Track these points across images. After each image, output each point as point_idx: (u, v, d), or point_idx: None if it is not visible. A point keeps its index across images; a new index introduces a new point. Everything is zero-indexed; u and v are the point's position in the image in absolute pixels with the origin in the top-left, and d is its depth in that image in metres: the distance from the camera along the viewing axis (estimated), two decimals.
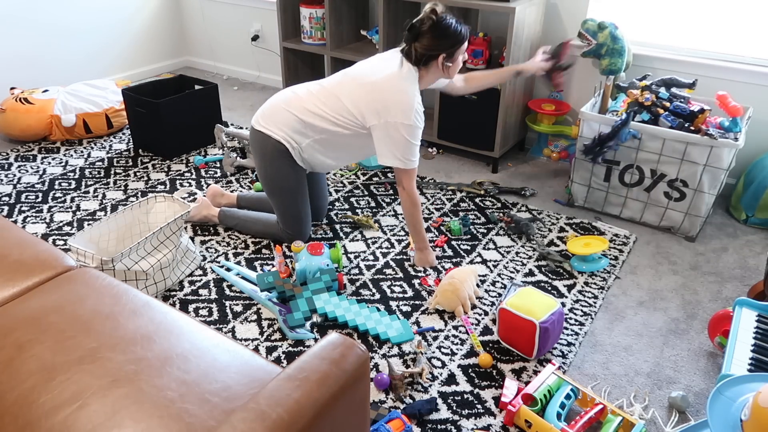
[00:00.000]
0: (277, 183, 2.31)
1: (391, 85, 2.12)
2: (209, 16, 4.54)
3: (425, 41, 2.09)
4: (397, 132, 2.11)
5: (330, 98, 2.19)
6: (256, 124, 2.29)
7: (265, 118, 2.27)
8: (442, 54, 2.11)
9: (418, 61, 2.13)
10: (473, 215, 2.73)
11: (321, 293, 2.13)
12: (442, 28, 2.09)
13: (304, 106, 2.21)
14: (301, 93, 2.26)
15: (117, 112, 3.49)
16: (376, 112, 2.12)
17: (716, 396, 1.28)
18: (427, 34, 2.08)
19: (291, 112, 2.22)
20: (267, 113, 2.27)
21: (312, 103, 2.21)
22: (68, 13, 3.93)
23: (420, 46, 2.10)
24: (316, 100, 2.21)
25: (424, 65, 2.15)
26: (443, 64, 2.14)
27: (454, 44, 2.12)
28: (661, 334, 2.05)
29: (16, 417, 1.12)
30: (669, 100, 2.55)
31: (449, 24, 2.10)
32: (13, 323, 1.34)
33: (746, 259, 2.46)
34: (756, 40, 2.74)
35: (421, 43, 2.10)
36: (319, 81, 2.29)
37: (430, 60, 2.13)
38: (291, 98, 2.25)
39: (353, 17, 3.53)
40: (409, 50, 2.13)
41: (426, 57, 2.12)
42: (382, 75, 2.14)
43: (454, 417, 1.71)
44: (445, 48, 2.11)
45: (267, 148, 2.25)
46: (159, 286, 2.12)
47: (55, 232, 2.55)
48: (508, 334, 1.93)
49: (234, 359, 1.28)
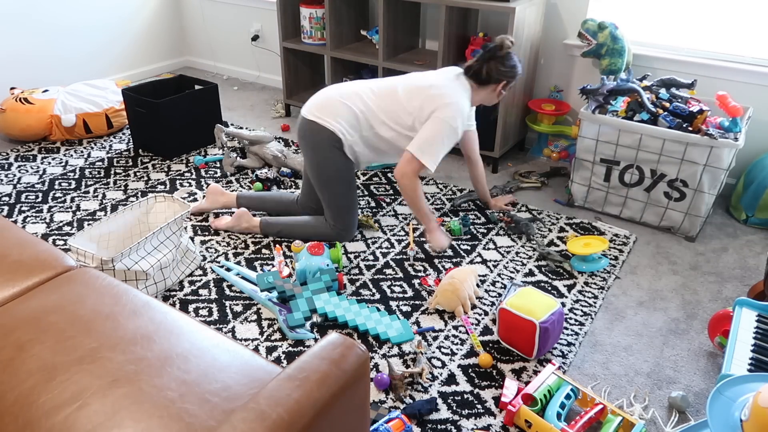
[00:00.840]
0: (330, 173, 2.34)
1: (448, 91, 2.28)
2: (209, 16, 4.54)
3: (497, 64, 2.32)
4: (435, 125, 2.25)
5: (388, 98, 2.31)
6: (309, 115, 2.32)
7: (321, 109, 2.30)
8: (504, 81, 2.36)
9: (481, 78, 2.33)
10: (473, 215, 2.73)
11: (321, 293, 2.13)
12: (512, 57, 2.35)
13: (365, 102, 2.31)
14: (360, 90, 2.33)
15: (117, 112, 3.49)
16: (429, 111, 2.26)
17: (716, 396, 1.28)
18: (501, 59, 2.32)
19: (348, 106, 2.29)
20: (322, 104, 2.31)
21: (372, 101, 2.31)
22: (68, 13, 3.93)
23: (492, 67, 2.31)
24: (375, 98, 2.31)
25: (483, 84, 2.35)
26: (500, 91, 2.39)
27: (515, 76, 2.39)
28: (661, 334, 2.05)
29: (16, 417, 1.12)
30: (669, 101, 2.56)
31: (515, 57, 2.37)
32: (13, 323, 1.34)
33: (746, 259, 2.46)
34: (756, 40, 2.74)
35: (492, 65, 2.31)
36: (374, 81, 2.39)
37: (491, 82, 2.34)
38: (349, 93, 2.32)
39: (353, 17, 3.53)
40: (479, 68, 2.32)
41: (491, 78, 2.33)
42: (440, 82, 2.31)
43: (454, 417, 1.71)
44: (509, 75, 2.35)
45: (321, 138, 2.29)
46: (159, 286, 2.12)
47: (55, 232, 2.55)
48: (508, 334, 1.93)
49: (234, 359, 1.28)
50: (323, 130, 2.28)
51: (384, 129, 2.31)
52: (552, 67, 3.23)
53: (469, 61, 2.37)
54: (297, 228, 2.47)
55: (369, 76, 3.66)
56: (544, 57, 3.22)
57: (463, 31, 3.17)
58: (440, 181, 3.05)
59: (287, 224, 2.48)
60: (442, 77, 2.33)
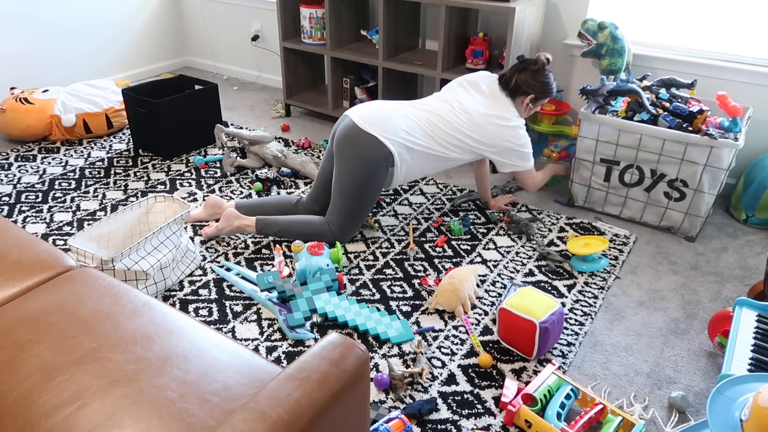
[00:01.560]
0: (365, 186, 2.34)
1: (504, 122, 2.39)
2: (209, 16, 4.54)
3: (527, 77, 2.40)
4: (513, 149, 2.44)
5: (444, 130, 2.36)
6: (369, 127, 2.29)
7: (380, 124, 2.30)
8: (532, 94, 2.42)
9: (509, 88, 2.42)
10: (473, 215, 2.73)
11: (321, 293, 2.13)
12: (545, 74, 2.42)
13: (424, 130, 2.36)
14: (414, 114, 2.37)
15: (117, 112, 3.49)
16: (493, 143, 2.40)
17: (716, 396, 1.28)
18: (533, 73, 2.40)
19: (405, 129, 2.32)
20: (381, 120, 2.32)
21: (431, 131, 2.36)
22: (68, 12, 3.93)
23: (522, 78, 2.39)
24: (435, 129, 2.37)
25: (511, 95, 2.43)
26: (528, 104, 2.44)
27: (545, 93, 2.44)
28: (661, 334, 2.05)
29: (16, 417, 1.12)
30: (669, 101, 2.56)
31: (550, 75, 2.44)
32: (13, 323, 1.34)
33: (746, 259, 2.46)
34: (756, 40, 2.74)
35: (523, 76, 2.39)
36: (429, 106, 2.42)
37: (519, 94, 2.42)
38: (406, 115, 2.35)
39: (353, 17, 3.53)
40: (509, 78, 2.41)
41: (520, 90, 2.41)
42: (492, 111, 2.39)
43: (454, 417, 1.71)
44: (538, 91, 2.42)
45: (376, 154, 2.28)
46: (159, 286, 2.12)
47: (55, 232, 2.55)
48: (508, 334, 1.93)
49: (234, 359, 1.28)
50: (381, 146, 2.27)
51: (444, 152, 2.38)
52: (552, 67, 3.23)
53: (503, 70, 2.49)
54: (296, 227, 2.45)
55: (369, 76, 3.67)
56: None
57: (463, 31, 3.17)
58: (440, 181, 3.05)
59: (285, 223, 2.47)
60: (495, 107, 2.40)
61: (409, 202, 2.84)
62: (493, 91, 2.44)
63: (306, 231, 2.44)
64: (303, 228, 2.44)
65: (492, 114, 2.38)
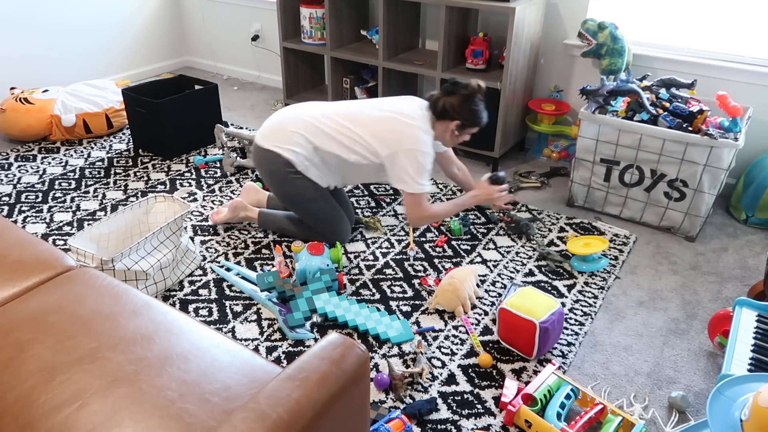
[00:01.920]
0: (295, 197, 2.33)
1: (410, 121, 2.24)
2: (209, 16, 4.54)
3: (456, 101, 2.24)
4: (408, 157, 2.21)
5: (346, 125, 2.27)
6: (263, 142, 2.30)
7: (274, 135, 2.29)
8: (458, 121, 2.26)
9: (436, 110, 2.27)
10: (473, 215, 2.73)
11: (321, 293, 2.13)
12: (475, 101, 2.27)
13: (320, 128, 2.27)
14: (315, 114, 2.30)
15: (117, 112, 3.49)
16: (391, 141, 2.23)
17: (716, 396, 1.28)
18: (462, 98, 2.25)
19: (302, 134, 2.27)
20: (274, 130, 2.30)
21: (328, 126, 2.27)
22: (68, 12, 3.93)
23: (449, 102, 2.25)
24: (333, 124, 2.28)
25: (440, 118, 2.29)
26: (453, 130, 2.29)
27: (472, 121, 2.29)
28: (661, 334, 2.05)
29: (16, 417, 1.12)
30: (669, 101, 2.56)
31: (480, 104, 2.29)
32: (13, 323, 1.34)
33: (746, 259, 2.46)
34: (756, 40, 2.74)
35: (451, 100, 2.25)
36: (330, 105, 2.35)
37: (445, 117, 2.27)
38: (304, 119, 2.29)
39: (353, 17, 3.53)
40: (437, 99, 2.27)
41: (447, 114, 2.26)
42: (401, 110, 2.27)
43: (454, 417, 1.71)
44: (464, 118, 2.27)
45: (277, 166, 2.27)
46: (159, 286, 2.12)
47: (55, 232, 2.55)
48: (508, 334, 1.93)
49: (234, 359, 1.28)
50: (277, 157, 2.26)
51: (345, 153, 2.27)
52: (552, 67, 3.23)
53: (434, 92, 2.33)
54: (294, 227, 2.47)
55: (369, 76, 3.67)
56: (544, 57, 3.22)
57: (463, 31, 3.17)
58: (440, 181, 3.05)
59: (286, 221, 2.48)
60: (406, 108, 2.27)
61: None
62: (420, 105, 2.30)
63: (304, 230, 2.45)
64: (302, 228, 2.45)
65: (401, 112, 2.25)
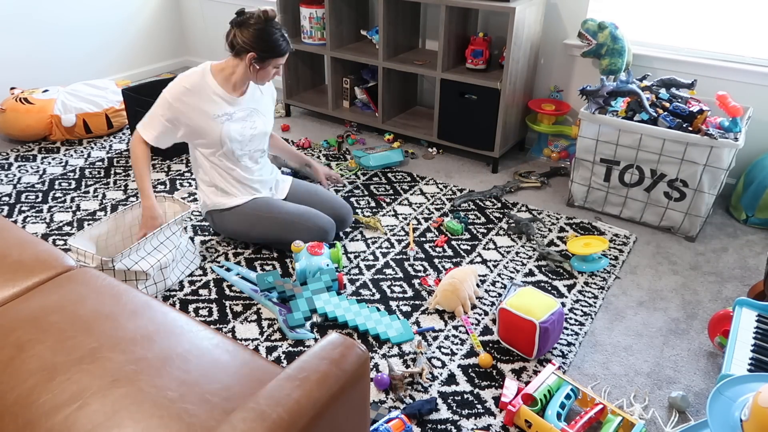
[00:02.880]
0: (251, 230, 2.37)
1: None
2: (209, 16, 4.54)
3: (247, 34, 2.12)
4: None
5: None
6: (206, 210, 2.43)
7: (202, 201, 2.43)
8: (252, 53, 2.13)
9: (234, 49, 2.17)
10: (473, 215, 2.73)
11: (321, 293, 2.13)
12: (267, 31, 2.12)
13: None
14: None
15: (117, 112, 3.49)
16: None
17: (716, 396, 1.28)
18: (250, 29, 2.12)
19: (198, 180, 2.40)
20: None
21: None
22: (68, 13, 3.93)
23: (240, 36, 2.13)
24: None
25: (237, 55, 2.18)
26: (252, 63, 2.16)
27: (268, 50, 2.15)
28: (661, 334, 2.05)
29: (16, 417, 1.12)
30: (669, 101, 2.56)
31: (275, 32, 2.14)
32: (13, 323, 1.34)
33: (746, 259, 2.46)
34: (756, 40, 2.74)
35: (242, 35, 2.13)
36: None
37: (242, 53, 2.16)
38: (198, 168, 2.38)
39: (353, 17, 3.53)
40: (230, 36, 2.16)
41: (242, 48, 2.14)
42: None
43: (454, 417, 1.71)
44: (259, 49, 2.13)
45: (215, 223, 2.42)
46: (159, 286, 2.12)
47: (55, 232, 2.55)
48: (508, 334, 1.93)
49: (234, 359, 1.28)
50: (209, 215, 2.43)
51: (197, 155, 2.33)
52: (552, 67, 3.23)
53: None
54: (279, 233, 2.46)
55: (369, 76, 3.67)
56: (544, 57, 3.22)
57: (463, 31, 3.16)
58: (440, 181, 3.05)
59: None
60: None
61: (409, 202, 2.84)
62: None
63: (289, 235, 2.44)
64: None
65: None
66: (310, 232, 2.32)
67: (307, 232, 2.32)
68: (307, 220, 2.34)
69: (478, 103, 3.02)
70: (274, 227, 2.34)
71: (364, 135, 3.59)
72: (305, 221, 2.33)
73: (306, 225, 2.33)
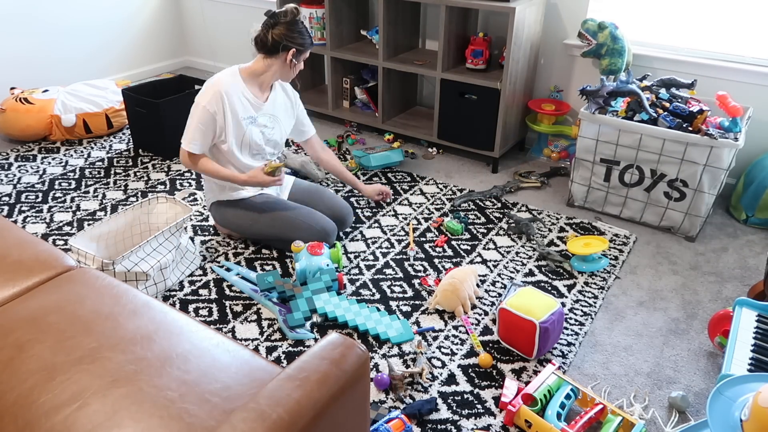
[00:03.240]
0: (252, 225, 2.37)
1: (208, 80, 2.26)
2: (209, 16, 4.54)
3: (283, 30, 2.20)
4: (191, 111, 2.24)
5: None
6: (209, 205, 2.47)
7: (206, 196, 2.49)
8: (293, 48, 2.22)
9: (269, 47, 2.22)
10: (473, 215, 2.73)
11: (321, 293, 2.13)
12: (299, 24, 2.23)
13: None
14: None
15: (117, 112, 3.49)
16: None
17: (716, 396, 1.28)
18: (287, 25, 2.20)
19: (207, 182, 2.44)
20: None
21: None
22: (68, 13, 3.93)
23: (275, 33, 2.20)
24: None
25: (272, 54, 2.24)
26: (291, 60, 2.25)
27: (305, 44, 2.26)
28: (661, 334, 2.05)
29: (16, 417, 1.12)
30: (669, 101, 2.56)
31: (304, 26, 2.26)
32: (13, 323, 1.34)
33: (746, 259, 2.46)
34: (756, 40, 2.74)
35: (277, 31, 2.19)
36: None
37: (281, 50, 2.22)
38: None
39: (353, 17, 3.53)
40: (264, 35, 2.21)
41: (280, 46, 2.21)
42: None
43: (454, 417, 1.71)
44: (298, 43, 2.23)
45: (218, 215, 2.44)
46: (159, 287, 2.12)
47: (55, 232, 2.55)
48: (508, 334, 1.93)
49: (234, 359, 1.28)
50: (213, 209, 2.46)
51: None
52: (552, 67, 3.23)
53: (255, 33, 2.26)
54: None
55: (369, 76, 3.67)
56: (544, 57, 3.22)
57: (463, 31, 3.16)
58: (440, 181, 3.05)
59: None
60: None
61: (409, 202, 2.84)
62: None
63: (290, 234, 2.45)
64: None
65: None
66: (311, 231, 2.32)
67: (308, 231, 2.32)
68: (310, 218, 2.35)
69: (478, 103, 3.02)
70: (276, 223, 2.34)
71: (364, 135, 3.59)
72: (308, 220, 2.34)
73: (308, 223, 2.33)
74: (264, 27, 2.22)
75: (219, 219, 2.44)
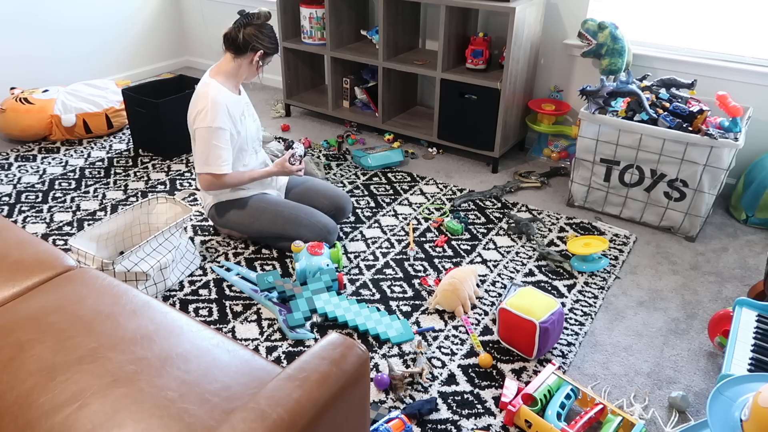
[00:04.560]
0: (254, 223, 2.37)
1: (197, 91, 2.25)
2: (209, 16, 4.54)
3: (254, 31, 2.23)
4: (201, 137, 2.21)
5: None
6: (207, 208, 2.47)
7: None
8: (261, 50, 2.25)
9: (238, 46, 2.24)
10: (473, 215, 2.73)
11: (321, 293, 2.13)
12: (269, 28, 2.26)
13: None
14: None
15: (117, 112, 3.49)
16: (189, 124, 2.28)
17: (716, 396, 1.28)
18: (258, 27, 2.24)
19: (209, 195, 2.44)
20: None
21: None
22: (68, 13, 3.93)
23: (248, 33, 2.22)
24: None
25: (241, 53, 2.26)
26: (257, 61, 2.28)
27: (272, 47, 2.29)
28: (661, 334, 2.05)
29: (16, 417, 1.12)
30: (669, 101, 2.56)
31: (274, 33, 2.29)
32: (13, 323, 1.34)
33: (746, 259, 2.46)
34: (756, 40, 2.74)
35: (249, 31, 2.22)
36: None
37: (249, 50, 2.25)
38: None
39: (353, 17, 3.53)
40: (235, 36, 2.23)
41: (249, 46, 2.23)
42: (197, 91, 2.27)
43: (454, 417, 1.71)
44: (266, 44, 2.26)
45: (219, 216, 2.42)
46: (159, 287, 2.12)
47: (55, 232, 2.55)
48: (508, 334, 1.93)
49: (234, 359, 1.28)
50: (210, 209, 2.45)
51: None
52: (552, 67, 3.23)
53: (226, 30, 2.27)
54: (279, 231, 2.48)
55: (369, 76, 3.67)
56: (544, 57, 3.22)
57: (463, 31, 3.16)
58: (440, 181, 3.05)
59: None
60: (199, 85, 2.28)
61: (409, 202, 2.84)
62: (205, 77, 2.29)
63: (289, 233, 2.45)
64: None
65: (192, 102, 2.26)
66: (313, 228, 2.33)
67: (310, 228, 2.33)
68: (311, 216, 2.36)
69: (478, 103, 3.02)
70: (278, 220, 2.35)
71: (364, 135, 3.59)
72: (309, 217, 2.35)
73: (310, 221, 2.34)
74: (236, 25, 2.24)
75: (220, 220, 2.44)
